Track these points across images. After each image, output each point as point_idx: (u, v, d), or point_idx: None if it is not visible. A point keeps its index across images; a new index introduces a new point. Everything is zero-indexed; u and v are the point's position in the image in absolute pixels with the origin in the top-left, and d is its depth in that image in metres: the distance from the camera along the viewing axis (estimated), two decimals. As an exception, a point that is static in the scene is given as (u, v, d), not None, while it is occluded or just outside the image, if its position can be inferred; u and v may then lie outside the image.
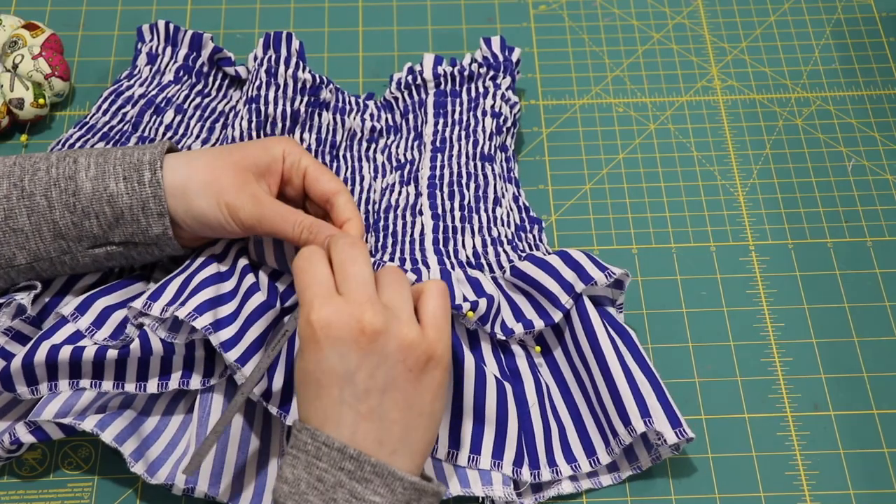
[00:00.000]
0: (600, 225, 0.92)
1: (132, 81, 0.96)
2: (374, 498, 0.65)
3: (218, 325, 0.75)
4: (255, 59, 0.92)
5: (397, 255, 0.85)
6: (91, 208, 0.77)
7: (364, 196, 0.91)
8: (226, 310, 0.76)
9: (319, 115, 0.92)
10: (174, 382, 0.77)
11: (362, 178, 0.92)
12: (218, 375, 0.78)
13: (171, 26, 0.96)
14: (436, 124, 0.93)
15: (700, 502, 0.79)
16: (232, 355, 0.74)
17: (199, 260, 0.81)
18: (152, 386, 0.77)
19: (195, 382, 0.77)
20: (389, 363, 0.67)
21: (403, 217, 0.88)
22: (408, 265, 0.84)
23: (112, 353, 0.76)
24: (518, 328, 0.81)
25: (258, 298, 0.78)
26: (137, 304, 0.77)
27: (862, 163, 0.96)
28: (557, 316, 0.81)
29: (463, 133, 0.92)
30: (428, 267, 0.83)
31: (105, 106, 0.94)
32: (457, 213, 0.88)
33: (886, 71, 1.02)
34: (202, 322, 0.74)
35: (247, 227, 0.78)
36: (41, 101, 0.94)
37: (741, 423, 0.82)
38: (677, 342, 0.86)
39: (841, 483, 0.80)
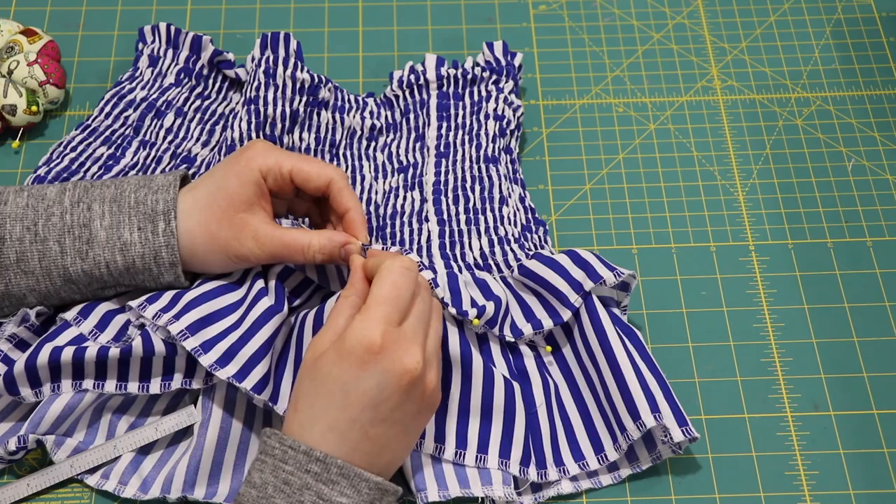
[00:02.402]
0: (600, 225, 0.92)
1: (134, 84, 0.96)
2: (340, 499, 0.66)
3: (207, 345, 0.75)
4: (253, 60, 0.92)
5: None
6: (102, 256, 0.77)
7: (365, 196, 0.90)
8: (221, 325, 0.76)
9: (318, 115, 0.92)
10: (177, 382, 0.77)
11: (363, 178, 0.92)
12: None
13: (173, 28, 0.96)
14: (439, 128, 0.93)
15: (700, 502, 0.79)
16: (228, 371, 0.74)
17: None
18: (155, 386, 0.77)
19: (198, 382, 0.77)
20: (411, 405, 0.70)
21: (410, 224, 0.88)
22: None
23: (114, 353, 0.76)
24: (527, 329, 0.81)
25: (264, 304, 0.78)
26: (134, 303, 0.77)
27: (862, 163, 0.96)
28: (567, 315, 0.81)
29: (466, 137, 0.92)
30: (435, 272, 0.83)
31: (107, 109, 0.94)
32: (462, 217, 0.88)
33: (886, 71, 1.02)
34: (192, 343, 0.75)
35: (262, 263, 0.79)
36: (34, 108, 0.94)
37: (741, 423, 0.82)
38: (677, 342, 0.86)
39: (841, 483, 0.80)
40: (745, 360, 0.85)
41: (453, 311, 0.78)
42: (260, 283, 0.79)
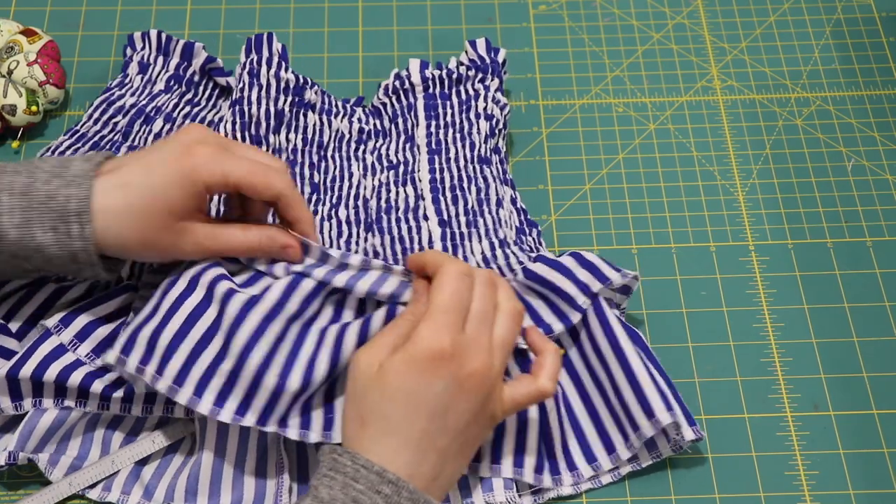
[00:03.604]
0: (600, 225, 0.92)
1: (123, 90, 0.95)
2: None
3: (200, 388, 0.72)
4: (241, 64, 0.91)
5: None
6: (19, 253, 0.73)
7: (353, 191, 0.90)
8: (207, 359, 0.73)
9: (305, 116, 0.92)
10: (158, 410, 0.77)
11: (351, 175, 0.91)
12: None
13: (164, 36, 0.96)
14: (428, 126, 0.93)
15: (700, 502, 0.79)
16: (226, 413, 0.72)
17: (171, 298, 0.74)
18: (136, 410, 0.77)
19: (179, 411, 0.77)
20: (475, 407, 0.69)
21: (406, 221, 0.88)
22: None
23: (97, 386, 0.75)
24: None
25: (251, 325, 0.73)
26: (110, 357, 0.73)
27: (862, 163, 0.96)
28: (576, 317, 0.80)
29: (458, 136, 0.92)
30: None
31: (96, 115, 0.94)
32: (462, 219, 0.87)
33: (886, 71, 1.02)
34: (185, 395, 0.72)
35: (197, 259, 0.76)
36: (34, 108, 0.94)
37: (741, 423, 0.82)
38: (677, 342, 0.86)
39: (841, 483, 0.80)
40: (745, 360, 0.85)
41: None
42: (239, 300, 0.74)
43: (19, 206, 0.71)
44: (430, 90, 0.95)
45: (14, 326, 0.80)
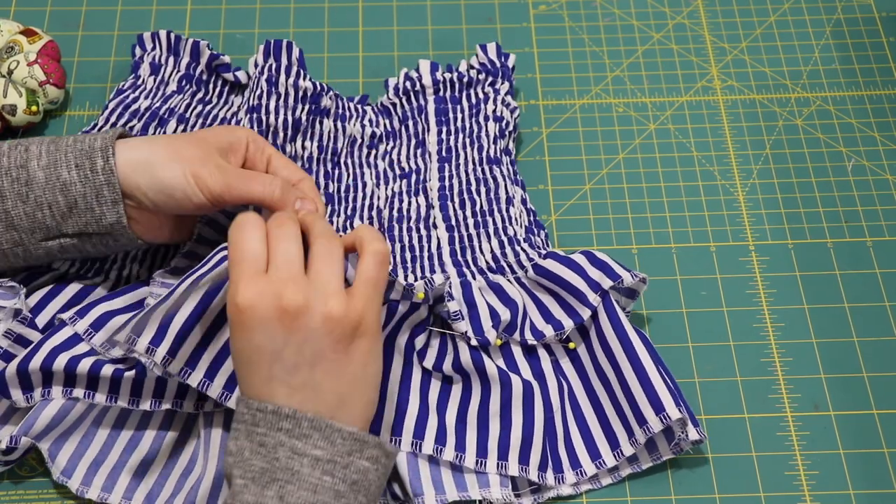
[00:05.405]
0: (600, 225, 0.92)
1: (137, 93, 0.95)
2: (314, 451, 0.66)
3: (211, 371, 0.74)
4: (256, 65, 0.91)
5: (417, 271, 0.85)
6: (44, 198, 0.76)
7: (367, 202, 0.90)
8: (217, 344, 0.75)
9: (320, 123, 0.92)
10: (167, 404, 0.77)
11: (364, 185, 0.91)
12: (213, 404, 0.77)
13: (173, 35, 0.96)
14: (439, 133, 0.93)
15: (700, 502, 0.79)
16: (234, 399, 0.73)
17: (185, 285, 0.76)
18: (145, 404, 0.77)
19: (188, 406, 0.77)
20: (316, 337, 0.68)
21: (418, 230, 0.88)
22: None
23: (107, 371, 0.75)
24: (548, 330, 0.81)
25: None
26: (121, 336, 0.74)
27: (862, 163, 0.96)
28: (586, 314, 0.81)
29: (467, 140, 0.92)
30: (448, 279, 0.82)
31: (112, 119, 0.93)
32: (470, 221, 0.88)
33: (886, 71, 1.02)
34: (196, 377, 0.74)
35: (215, 196, 0.77)
36: (34, 108, 0.94)
37: (741, 423, 0.82)
38: (677, 342, 0.86)
39: (841, 483, 0.80)
40: (745, 360, 0.85)
41: (475, 340, 0.79)
42: None
43: (46, 151, 0.77)
44: (441, 93, 0.95)
45: (41, 322, 0.81)
